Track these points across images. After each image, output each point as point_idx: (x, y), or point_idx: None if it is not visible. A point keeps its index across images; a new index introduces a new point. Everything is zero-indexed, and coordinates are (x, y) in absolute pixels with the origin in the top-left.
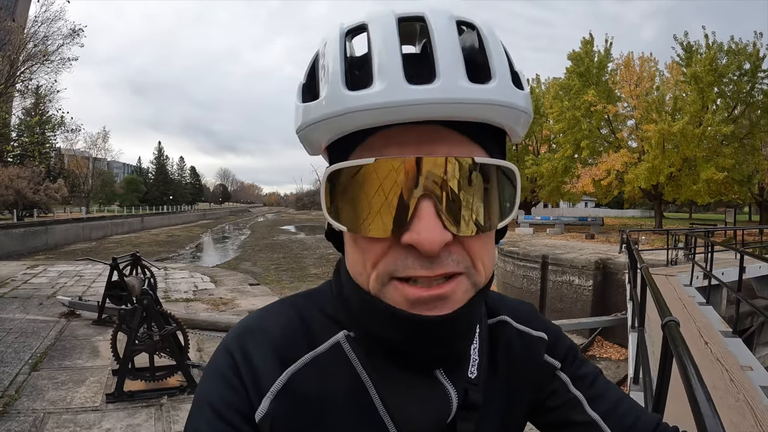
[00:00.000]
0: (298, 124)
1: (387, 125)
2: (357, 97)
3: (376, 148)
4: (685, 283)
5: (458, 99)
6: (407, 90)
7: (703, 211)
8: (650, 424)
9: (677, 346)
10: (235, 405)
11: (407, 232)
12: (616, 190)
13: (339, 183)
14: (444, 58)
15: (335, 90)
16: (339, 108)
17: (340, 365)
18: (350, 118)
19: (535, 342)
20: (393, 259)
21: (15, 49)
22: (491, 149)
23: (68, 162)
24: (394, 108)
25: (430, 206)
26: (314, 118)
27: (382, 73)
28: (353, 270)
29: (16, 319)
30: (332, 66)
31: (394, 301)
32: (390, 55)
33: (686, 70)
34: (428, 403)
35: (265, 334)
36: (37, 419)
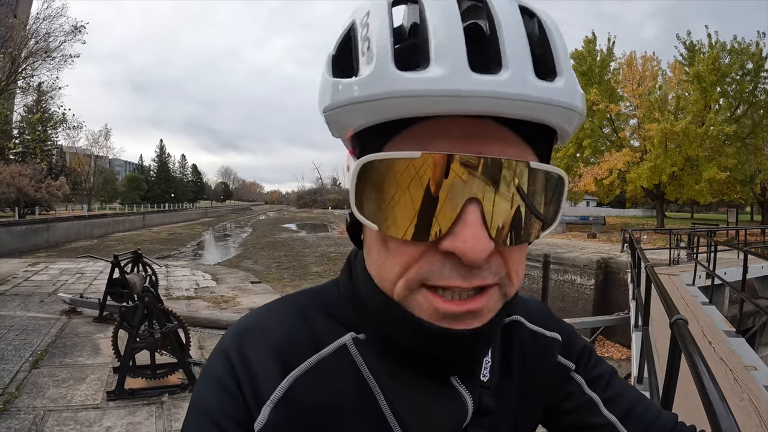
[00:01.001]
0: (327, 102)
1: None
2: (411, 80)
3: (418, 140)
4: (688, 283)
5: (526, 96)
6: (471, 79)
7: (704, 211)
8: (668, 424)
9: (687, 345)
10: (232, 414)
11: (449, 238)
12: (618, 189)
13: (373, 176)
14: (512, 46)
15: (383, 68)
16: (387, 90)
17: (346, 370)
18: (398, 104)
19: (549, 343)
20: (427, 265)
21: (17, 46)
22: (540, 152)
23: (70, 160)
24: (453, 98)
25: (476, 212)
26: (351, 98)
27: (442, 55)
28: (378, 272)
29: (17, 317)
30: (378, 39)
31: (421, 311)
32: (451, 35)
33: (689, 69)
34: (442, 410)
35: (266, 336)
36: (37, 417)
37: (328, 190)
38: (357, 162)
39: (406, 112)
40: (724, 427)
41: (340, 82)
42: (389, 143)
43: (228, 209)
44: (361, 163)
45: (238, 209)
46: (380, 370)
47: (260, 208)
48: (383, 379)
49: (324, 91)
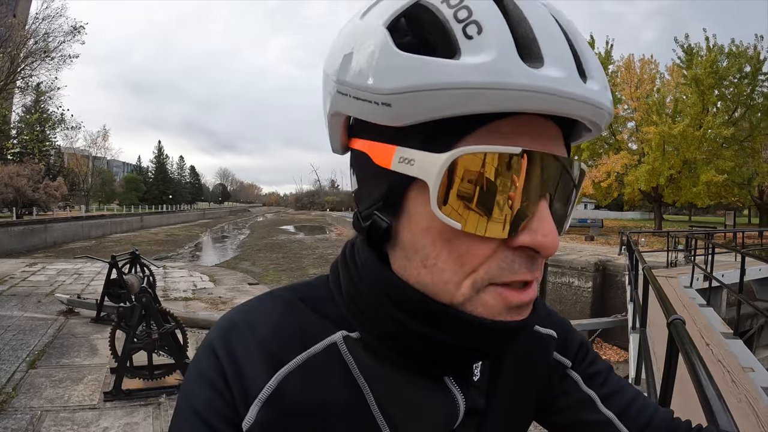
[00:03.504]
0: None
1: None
2: (535, 75)
3: (506, 135)
4: (686, 285)
5: (607, 108)
6: (583, 87)
7: (702, 213)
8: (665, 420)
9: (684, 345)
10: (221, 411)
11: (527, 233)
12: (615, 192)
13: (462, 171)
14: (591, 57)
15: (509, 58)
16: (513, 81)
17: (336, 368)
18: (519, 97)
19: (544, 340)
20: (497, 262)
21: (16, 46)
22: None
23: (68, 160)
24: (570, 101)
25: (546, 206)
26: (456, 81)
27: (554, 56)
28: (436, 277)
29: (14, 317)
30: (496, 26)
31: (487, 308)
32: (558, 38)
33: (687, 72)
34: (433, 410)
35: (254, 332)
36: (34, 417)
37: (326, 192)
38: (449, 155)
39: (519, 107)
40: (721, 423)
41: (432, 60)
42: (471, 135)
43: (226, 211)
44: (455, 155)
45: (236, 211)
46: (371, 369)
47: (258, 210)
48: (373, 378)
49: (388, 67)
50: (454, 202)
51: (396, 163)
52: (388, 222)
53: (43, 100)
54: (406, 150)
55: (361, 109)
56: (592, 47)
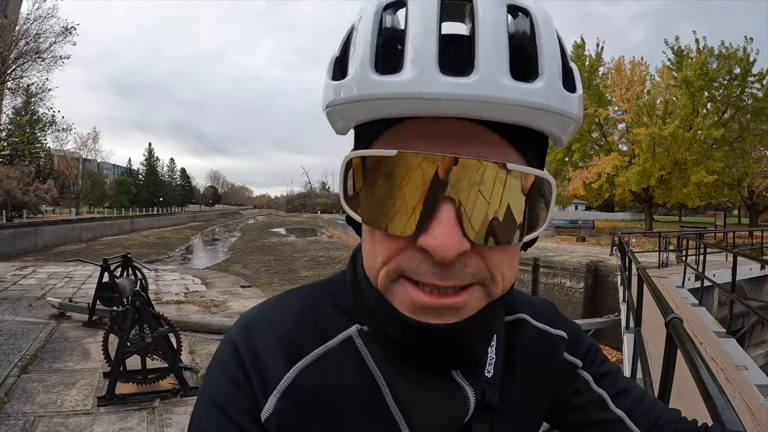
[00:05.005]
0: (326, 101)
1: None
2: (383, 83)
3: (402, 139)
4: (677, 285)
5: (496, 98)
6: (438, 82)
7: (692, 214)
8: (673, 419)
9: (684, 342)
10: (240, 403)
11: (423, 235)
12: (606, 193)
13: (357, 171)
14: (485, 46)
15: (362, 72)
16: (364, 92)
17: (352, 361)
18: (374, 106)
19: (555, 340)
20: (406, 259)
21: (6, 47)
22: (527, 154)
23: (58, 163)
24: (422, 101)
25: (450, 210)
26: (340, 99)
27: (415, 58)
28: (366, 262)
29: (5, 321)
30: (362, 44)
31: (399, 302)
32: (425, 37)
33: (677, 74)
34: (444, 403)
35: (273, 327)
36: (27, 423)
37: (317, 194)
38: (344, 158)
39: (384, 113)
40: (725, 418)
41: (334, 84)
42: (377, 140)
43: (217, 213)
44: (346, 159)
45: (227, 213)
46: (384, 361)
47: (249, 212)
48: (387, 370)
49: (325, 93)
50: (357, 197)
51: None
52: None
53: (34, 101)
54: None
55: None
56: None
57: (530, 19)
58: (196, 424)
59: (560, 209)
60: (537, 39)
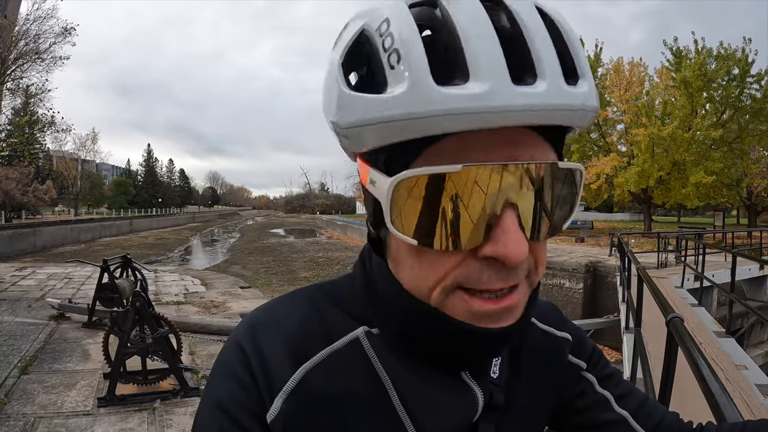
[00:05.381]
0: (350, 119)
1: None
2: (453, 96)
3: (451, 152)
4: (677, 285)
5: (564, 106)
6: (514, 93)
7: (691, 214)
8: (675, 421)
9: (685, 341)
10: (245, 404)
11: (490, 244)
12: (605, 193)
13: (409, 191)
14: (543, 53)
15: (423, 84)
16: (428, 108)
17: (358, 363)
18: (441, 122)
19: (560, 343)
20: (465, 272)
21: (6, 47)
22: (558, 148)
23: (57, 163)
24: (499, 113)
25: (513, 216)
26: (385, 116)
27: (481, 67)
28: (412, 282)
29: (5, 322)
30: (411, 51)
31: (456, 312)
32: (487, 43)
33: (676, 75)
34: (452, 404)
35: (279, 327)
36: (27, 424)
37: (316, 195)
38: (392, 180)
39: (448, 129)
40: (727, 415)
41: (367, 97)
42: (420, 157)
43: (215, 214)
44: (397, 180)
45: (225, 214)
46: (392, 363)
47: (248, 213)
48: (394, 372)
49: (341, 106)
50: (407, 219)
51: (369, 183)
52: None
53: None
54: (373, 171)
55: (339, 140)
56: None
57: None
58: (200, 426)
59: None
60: (568, 41)
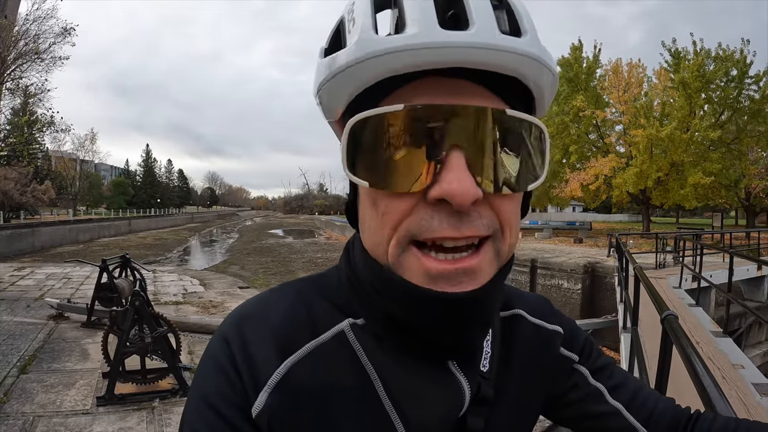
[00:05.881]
0: (320, 80)
1: (417, 77)
2: (389, 39)
3: (403, 99)
4: (674, 286)
5: (493, 45)
6: (441, 33)
7: (689, 215)
8: (668, 407)
9: (679, 338)
10: (230, 398)
11: (436, 185)
12: (604, 194)
13: (362, 134)
14: (477, 8)
15: (366, 35)
16: (369, 50)
17: (344, 355)
18: (380, 62)
19: (551, 336)
20: (417, 218)
21: (6, 47)
22: (516, 106)
23: (55, 164)
24: (427, 50)
25: (460, 158)
26: (340, 66)
27: (415, 19)
28: (371, 240)
29: (4, 321)
30: (361, 16)
31: (412, 274)
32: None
33: (674, 76)
34: (439, 396)
35: (265, 321)
36: (26, 423)
37: (315, 196)
38: (348, 123)
39: (389, 69)
40: (719, 408)
41: (332, 56)
42: (378, 105)
43: (214, 215)
44: (351, 122)
45: (224, 215)
46: (378, 355)
47: (247, 214)
48: (380, 364)
49: (317, 74)
50: (361, 163)
51: None
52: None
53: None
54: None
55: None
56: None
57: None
58: (187, 420)
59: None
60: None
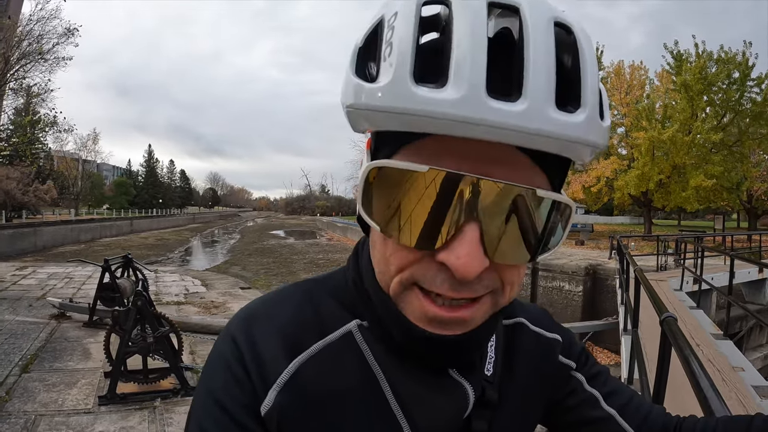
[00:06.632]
0: (350, 101)
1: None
2: (425, 99)
3: (429, 153)
4: (675, 288)
5: (539, 131)
6: (486, 106)
7: (691, 218)
8: (660, 415)
9: (678, 339)
10: (239, 397)
11: (445, 251)
12: (605, 197)
13: (380, 180)
14: (536, 75)
15: (400, 82)
16: (401, 105)
17: (351, 356)
18: (411, 120)
19: (551, 344)
20: (422, 270)
21: (9, 47)
22: (553, 177)
23: (58, 163)
24: (464, 124)
25: (475, 231)
26: (369, 104)
27: (461, 74)
28: (378, 266)
29: (6, 321)
30: (400, 47)
31: (411, 310)
32: (474, 52)
33: (676, 78)
34: (443, 399)
35: (273, 321)
36: (28, 421)
37: (316, 197)
38: (366, 165)
39: (418, 129)
40: (714, 407)
41: (362, 85)
42: (403, 149)
43: (216, 215)
44: (369, 167)
45: (226, 215)
46: (384, 357)
47: (248, 215)
48: (387, 366)
49: (347, 88)
50: (377, 207)
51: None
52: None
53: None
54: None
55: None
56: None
57: (574, 40)
58: (195, 418)
59: None
60: (581, 64)
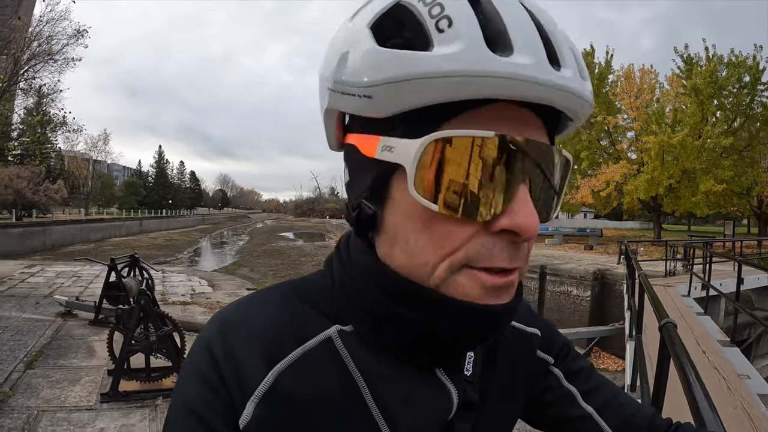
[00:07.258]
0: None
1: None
2: (504, 63)
3: (479, 121)
4: (683, 294)
5: (582, 94)
6: (552, 73)
7: (701, 223)
8: (647, 417)
9: (675, 346)
10: (217, 409)
11: (507, 216)
12: (615, 201)
13: (440, 153)
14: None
15: (477, 47)
16: (482, 69)
17: (331, 363)
18: (490, 83)
19: (530, 338)
20: (477, 245)
21: (19, 48)
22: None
23: (68, 163)
24: (542, 87)
25: (526, 192)
26: (429, 71)
27: (524, 46)
28: (410, 259)
29: (12, 318)
30: (463, 17)
31: (464, 290)
32: (529, 28)
33: (686, 82)
34: (427, 402)
35: (249, 328)
36: (30, 417)
37: (326, 200)
38: (424, 138)
39: (492, 93)
40: (707, 420)
41: (406, 54)
42: (446, 124)
43: (225, 217)
44: (431, 138)
45: (235, 217)
46: (365, 363)
47: (258, 216)
48: (368, 372)
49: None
50: (431, 185)
51: (379, 151)
52: (373, 209)
53: (46, 102)
54: (389, 139)
55: (347, 103)
56: (592, 57)
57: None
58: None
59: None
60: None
